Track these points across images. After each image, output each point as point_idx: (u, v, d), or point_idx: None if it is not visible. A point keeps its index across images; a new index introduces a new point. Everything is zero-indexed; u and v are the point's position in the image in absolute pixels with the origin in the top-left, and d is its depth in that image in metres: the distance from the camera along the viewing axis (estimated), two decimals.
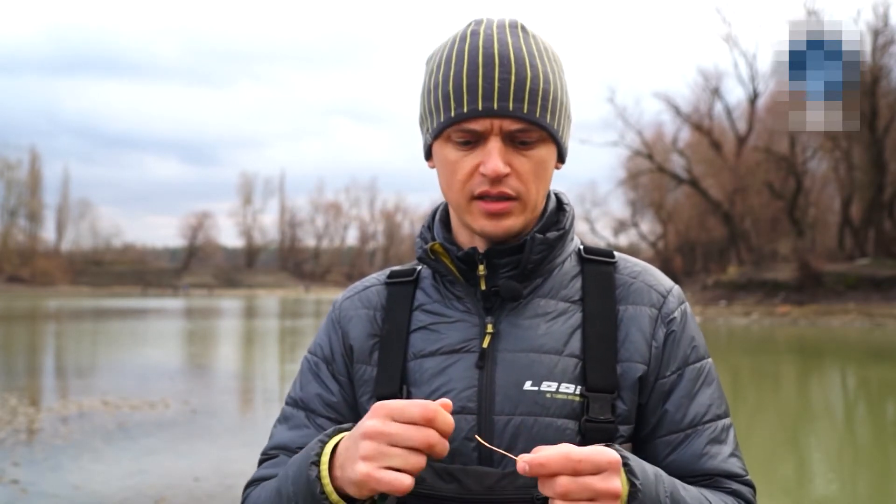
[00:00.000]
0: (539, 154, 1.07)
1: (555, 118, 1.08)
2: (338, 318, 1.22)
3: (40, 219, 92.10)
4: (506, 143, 1.05)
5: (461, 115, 1.04)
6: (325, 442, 0.99)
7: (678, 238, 60.04)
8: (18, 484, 6.33)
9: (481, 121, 1.04)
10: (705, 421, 1.10)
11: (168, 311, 40.16)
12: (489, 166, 1.03)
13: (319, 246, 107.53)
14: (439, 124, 1.08)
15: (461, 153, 1.07)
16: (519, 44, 1.06)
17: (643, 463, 0.97)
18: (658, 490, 0.95)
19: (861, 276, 35.17)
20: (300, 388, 1.20)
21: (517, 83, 1.04)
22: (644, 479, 0.94)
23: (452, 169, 1.08)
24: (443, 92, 1.07)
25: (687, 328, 1.14)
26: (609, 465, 0.89)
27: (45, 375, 14.83)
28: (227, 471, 6.92)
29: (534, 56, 1.06)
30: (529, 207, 1.09)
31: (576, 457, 0.87)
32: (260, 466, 1.17)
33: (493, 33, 1.06)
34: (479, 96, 1.03)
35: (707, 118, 51.64)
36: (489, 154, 1.04)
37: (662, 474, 0.99)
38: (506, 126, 1.04)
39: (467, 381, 1.08)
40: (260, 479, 1.14)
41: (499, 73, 1.03)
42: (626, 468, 0.93)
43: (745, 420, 9.83)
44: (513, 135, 1.05)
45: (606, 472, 0.89)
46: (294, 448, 1.13)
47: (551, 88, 1.07)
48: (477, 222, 1.08)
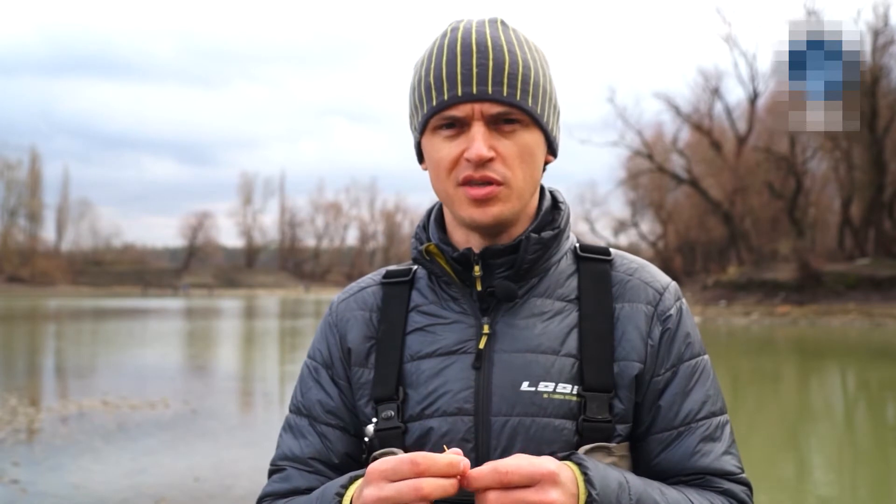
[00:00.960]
0: (523, 139, 1.07)
1: (537, 103, 1.08)
2: (335, 321, 1.22)
3: (40, 219, 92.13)
4: (489, 127, 1.06)
5: (442, 102, 1.05)
6: (342, 495, 0.99)
7: (678, 238, 60.00)
8: (18, 484, 6.33)
9: (462, 106, 1.05)
10: (699, 418, 1.10)
11: (168, 311, 40.15)
12: (472, 150, 1.04)
13: (319, 246, 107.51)
14: (423, 116, 1.09)
15: (446, 141, 1.07)
16: (497, 34, 1.07)
17: (608, 471, 0.97)
18: (620, 499, 0.95)
19: (861, 276, 35.16)
20: (301, 394, 1.20)
21: (495, 67, 1.05)
22: (603, 489, 0.93)
23: (439, 158, 1.08)
24: (425, 85, 1.08)
25: (682, 325, 1.14)
26: (543, 477, 0.89)
27: (45, 375, 14.83)
28: (227, 471, 6.92)
29: (512, 44, 1.07)
30: (516, 193, 1.08)
31: (503, 469, 0.88)
32: (270, 478, 1.17)
33: (472, 27, 1.08)
34: (458, 82, 1.04)
35: (707, 118, 51.64)
36: (472, 139, 1.05)
37: (631, 481, 0.98)
38: (486, 110, 1.04)
39: (464, 383, 1.08)
40: (271, 493, 1.15)
41: (476, 59, 1.04)
42: (585, 477, 0.93)
43: (745, 420, 9.82)
44: (496, 119, 1.05)
45: (540, 485, 0.89)
46: (302, 458, 1.15)
47: (531, 74, 1.07)
48: (464, 210, 1.08)
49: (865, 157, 41.93)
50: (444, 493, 0.88)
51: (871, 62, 38.58)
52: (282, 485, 1.14)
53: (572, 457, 0.97)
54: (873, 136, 39.80)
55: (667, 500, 1.01)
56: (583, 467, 0.94)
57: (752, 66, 57.25)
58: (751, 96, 49.81)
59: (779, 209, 47.53)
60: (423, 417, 1.08)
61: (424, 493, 0.87)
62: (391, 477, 0.89)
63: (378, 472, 0.91)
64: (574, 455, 0.97)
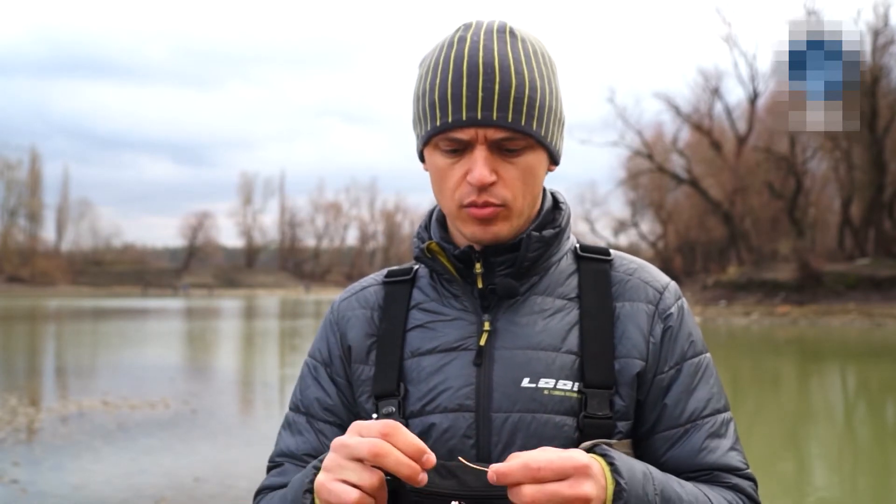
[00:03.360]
0: (526, 161, 1.07)
1: (542, 125, 1.07)
2: (336, 319, 1.23)
3: (40, 219, 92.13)
4: (492, 150, 1.05)
5: (446, 124, 1.05)
6: (319, 468, 0.99)
7: (678, 238, 60.02)
8: (18, 484, 6.33)
9: (466, 130, 1.04)
10: (704, 415, 1.11)
11: (168, 311, 40.16)
12: (474, 175, 1.04)
13: (319, 246, 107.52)
14: (426, 133, 1.09)
15: (449, 161, 1.08)
16: (505, 50, 1.06)
17: (632, 462, 0.98)
18: (646, 488, 0.96)
19: (861, 276, 35.17)
20: (300, 392, 1.22)
21: (501, 92, 1.03)
22: (630, 479, 0.94)
23: (442, 177, 1.09)
24: (429, 100, 1.07)
25: (684, 324, 1.15)
26: (575, 471, 0.89)
27: (45, 375, 14.84)
28: (227, 471, 6.93)
29: (520, 63, 1.06)
30: (515, 214, 1.09)
31: (535, 465, 0.88)
32: (268, 474, 1.20)
33: (479, 40, 1.06)
34: (463, 106, 1.04)
35: (707, 118, 51.64)
36: (475, 162, 1.05)
37: (653, 472, 0.99)
38: (490, 135, 1.04)
39: (464, 379, 1.08)
40: (268, 487, 1.17)
41: (482, 83, 1.03)
42: (612, 468, 0.94)
43: (745, 420, 9.83)
44: (499, 143, 1.05)
45: (573, 478, 0.89)
46: (299, 454, 1.17)
47: (538, 95, 1.06)
48: (468, 229, 1.09)
49: (865, 157, 41.94)
50: (400, 468, 0.88)
51: (871, 62, 38.60)
52: (278, 479, 1.16)
53: (596, 449, 0.98)
54: (873, 136, 39.81)
55: (686, 490, 1.02)
56: (608, 458, 0.95)
57: (752, 66, 57.34)
58: (751, 96, 49.87)
59: (779, 209, 47.55)
60: (423, 414, 1.09)
61: (380, 453, 0.88)
62: (363, 432, 0.92)
63: (356, 426, 0.94)
64: (598, 447, 0.98)
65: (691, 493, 1.02)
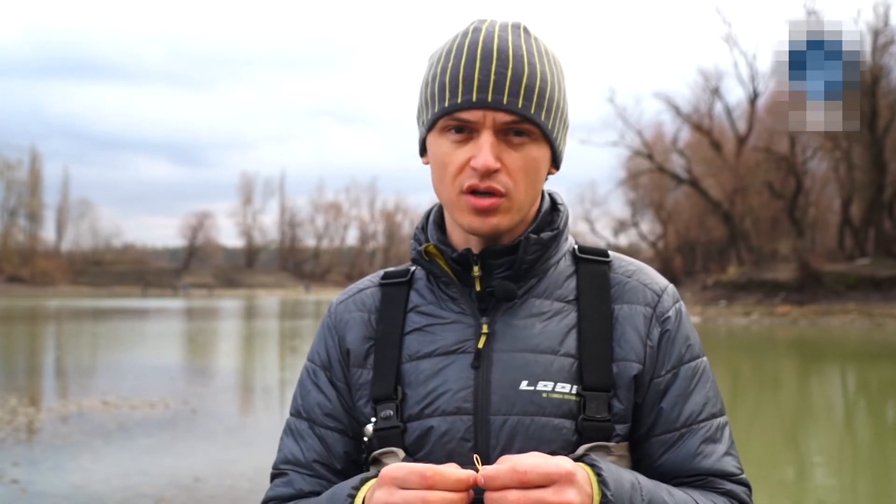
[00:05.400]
0: (531, 152, 1.07)
1: (549, 118, 1.08)
2: (333, 322, 1.22)
3: (40, 219, 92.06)
4: (498, 138, 1.05)
5: (455, 105, 1.05)
6: (353, 496, 1.00)
7: (678, 238, 59.98)
8: (18, 484, 6.33)
9: (474, 111, 1.04)
10: (700, 420, 1.11)
11: (168, 312, 40.16)
12: (479, 160, 1.04)
13: (319, 246, 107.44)
14: (433, 114, 1.08)
15: (454, 145, 1.07)
16: (519, 42, 1.07)
17: (620, 471, 0.98)
18: (633, 499, 0.96)
19: (861, 276, 35.17)
20: (301, 397, 1.21)
21: (513, 77, 1.04)
22: (617, 489, 0.94)
23: (444, 161, 1.08)
24: (439, 83, 1.08)
25: (682, 327, 1.15)
26: (560, 477, 0.89)
27: (45, 375, 14.84)
28: (227, 471, 6.93)
29: (533, 55, 1.07)
30: (516, 206, 1.08)
31: (522, 469, 0.88)
32: (272, 482, 1.18)
33: (494, 31, 1.07)
34: (474, 87, 1.04)
35: (707, 118, 51.61)
36: (480, 148, 1.04)
37: (642, 481, 0.99)
38: (498, 119, 1.04)
39: (463, 382, 1.08)
40: (275, 498, 1.16)
41: (496, 67, 1.04)
42: (599, 478, 0.94)
43: (744, 420, 9.83)
44: (506, 129, 1.05)
45: (558, 485, 0.89)
46: (303, 462, 1.16)
47: (548, 88, 1.07)
48: (465, 218, 1.08)
49: (865, 157, 41.93)
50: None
51: (871, 62, 38.58)
52: (285, 489, 1.15)
53: (584, 458, 0.98)
54: (873, 136, 39.80)
55: (675, 500, 1.01)
56: (596, 468, 0.95)
57: (752, 66, 57.18)
58: (751, 96, 49.86)
59: (779, 209, 47.53)
60: (422, 417, 1.09)
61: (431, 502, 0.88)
62: (401, 484, 0.91)
63: (389, 478, 0.93)
64: (586, 456, 0.98)
65: (681, 500, 1.02)
